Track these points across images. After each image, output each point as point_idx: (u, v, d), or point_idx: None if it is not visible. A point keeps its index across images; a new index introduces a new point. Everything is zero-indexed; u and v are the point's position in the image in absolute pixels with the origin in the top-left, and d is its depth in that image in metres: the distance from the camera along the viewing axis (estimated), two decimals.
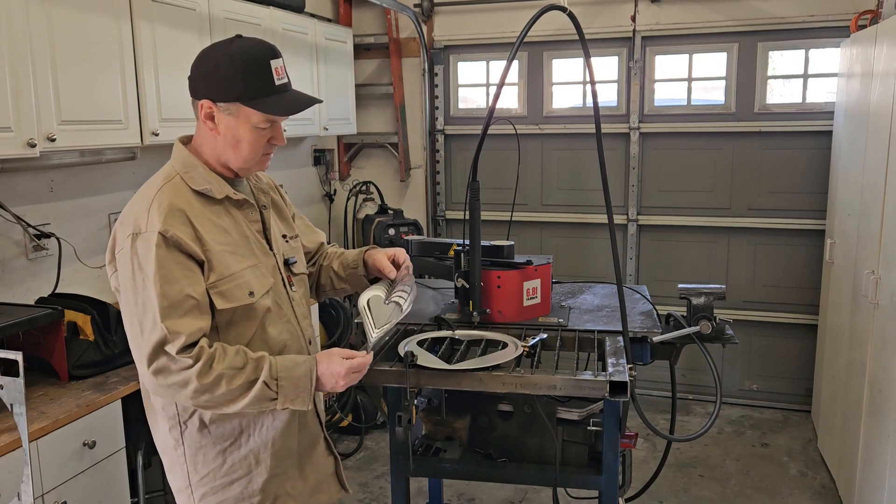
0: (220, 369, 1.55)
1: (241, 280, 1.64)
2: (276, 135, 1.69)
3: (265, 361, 1.61)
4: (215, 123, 1.63)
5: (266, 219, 1.79)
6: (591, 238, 4.84)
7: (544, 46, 4.74)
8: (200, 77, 1.63)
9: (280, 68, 1.64)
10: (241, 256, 1.67)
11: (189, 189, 1.64)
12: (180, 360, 1.53)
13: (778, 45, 4.37)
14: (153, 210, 1.57)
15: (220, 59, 1.61)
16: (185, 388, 1.55)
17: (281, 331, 1.74)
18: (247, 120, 1.62)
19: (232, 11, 3.37)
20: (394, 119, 5.10)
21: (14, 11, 2.28)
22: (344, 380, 1.66)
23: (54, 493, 2.16)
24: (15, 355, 1.57)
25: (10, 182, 2.72)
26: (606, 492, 2.21)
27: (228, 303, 1.62)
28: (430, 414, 2.37)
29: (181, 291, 1.54)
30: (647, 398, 4.65)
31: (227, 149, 1.66)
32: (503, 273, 2.33)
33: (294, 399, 1.62)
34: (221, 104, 1.61)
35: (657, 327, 2.30)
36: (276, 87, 1.63)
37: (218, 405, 1.60)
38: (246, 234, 1.71)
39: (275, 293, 1.73)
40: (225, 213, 1.68)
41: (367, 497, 3.66)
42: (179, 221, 1.57)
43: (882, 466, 2.81)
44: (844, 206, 3.68)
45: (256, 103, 1.60)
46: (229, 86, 1.59)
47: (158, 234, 1.54)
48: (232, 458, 1.71)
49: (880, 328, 2.91)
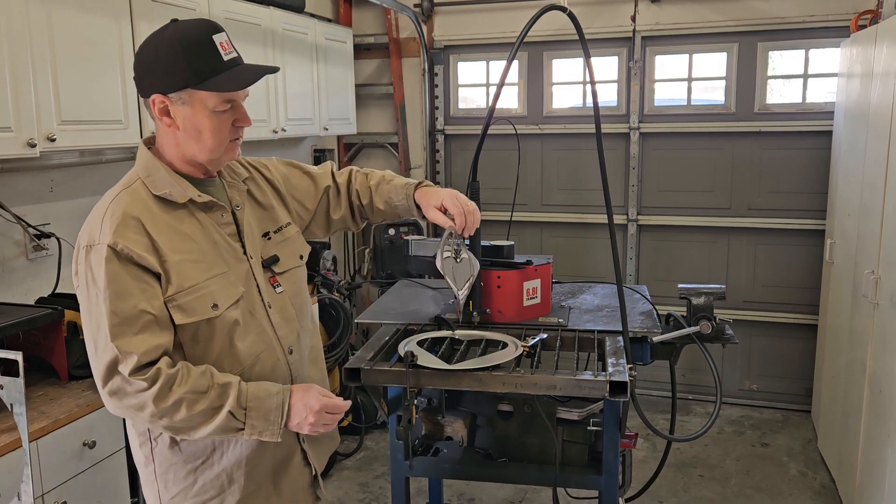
0: (179, 393, 1.45)
1: (203, 292, 1.52)
2: (238, 116, 1.57)
3: (233, 388, 1.50)
4: (172, 118, 1.52)
5: (239, 220, 1.66)
6: (591, 238, 4.84)
7: (544, 46, 4.74)
8: (143, 72, 1.52)
9: (225, 42, 1.51)
10: (207, 265, 1.56)
11: (150, 194, 1.53)
12: (135, 383, 1.44)
13: (778, 45, 4.37)
14: (106, 220, 1.48)
15: (158, 47, 1.49)
16: (141, 412, 1.47)
17: (253, 342, 1.62)
18: (203, 106, 1.50)
19: (232, 11, 3.38)
20: (394, 119, 5.10)
21: (14, 11, 2.28)
22: (314, 416, 1.55)
23: (54, 493, 2.16)
24: (15, 355, 1.57)
25: (10, 182, 2.72)
26: (606, 492, 2.21)
27: (189, 317, 1.51)
28: (430, 414, 2.37)
29: (135, 307, 1.45)
30: (647, 398, 4.64)
31: (190, 142, 1.54)
32: (503, 273, 2.33)
33: (262, 431, 1.53)
34: (172, 95, 1.49)
35: (657, 327, 2.30)
36: (225, 63, 1.50)
37: (179, 431, 1.51)
38: (214, 239, 1.59)
39: (246, 302, 1.61)
40: (189, 218, 1.57)
41: (367, 497, 3.66)
42: (133, 231, 1.47)
43: (882, 466, 2.81)
44: (844, 206, 3.68)
45: (208, 84, 1.48)
46: (175, 73, 1.47)
47: (108, 247, 1.44)
48: (203, 477, 1.62)
49: (880, 328, 2.91)
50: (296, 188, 1.86)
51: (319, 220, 1.93)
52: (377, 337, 2.29)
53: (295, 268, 1.78)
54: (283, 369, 1.69)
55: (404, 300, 2.71)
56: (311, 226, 1.93)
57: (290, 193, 1.85)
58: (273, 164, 1.85)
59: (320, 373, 1.88)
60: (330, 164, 1.99)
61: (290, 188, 1.85)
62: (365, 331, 4.50)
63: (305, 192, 1.88)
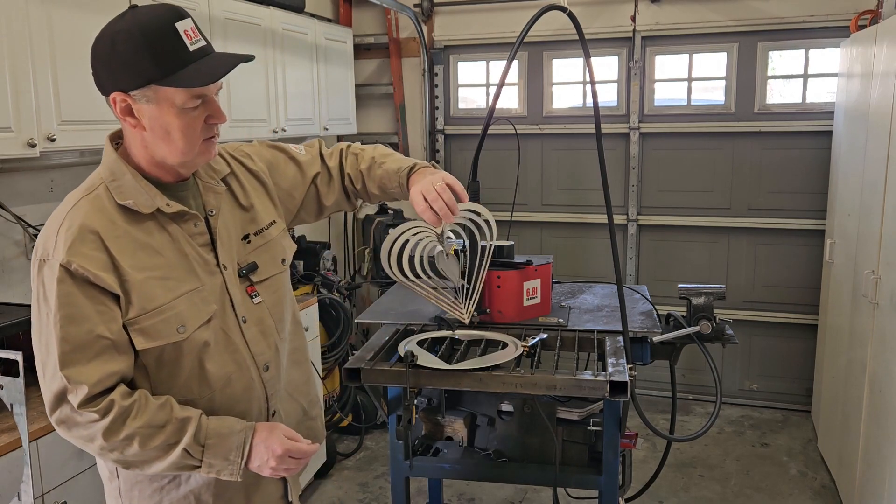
0: (133, 427, 1.33)
1: (168, 314, 1.38)
2: (211, 111, 1.39)
3: (191, 424, 1.38)
4: (136, 118, 1.36)
5: (213, 227, 1.50)
6: (591, 238, 4.84)
7: (544, 46, 4.74)
8: (101, 67, 1.35)
9: (190, 30, 1.34)
10: (175, 282, 1.41)
11: (113, 202, 1.38)
12: (85, 414, 1.32)
13: (778, 45, 4.37)
14: (61, 233, 1.33)
15: (115, 38, 1.32)
16: (91, 443, 1.36)
17: (224, 363, 1.48)
18: (170, 103, 1.33)
19: (232, 11, 3.37)
20: (394, 119, 5.10)
21: (14, 11, 2.28)
22: (276, 461, 1.43)
23: (54, 493, 2.15)
24: (15, 355, 1.57)
25: (10, 182, 2.72)
26: (606, 492, 2.21)
27: (151, 341, 1.37)
28: (430, 414, 2.37)
29: (89, 332, 1.32)
30: (647, 398, 4.65)
31: (159, 144, 1.37)
32: (503, 273, 2.33)
33: (220, 470, 1.41)
34: (135, 93, 1.33)
35: (657, 327, 2.30)
36: (191, 55, 1.33)
37: (130, 465, 1.40)
38: (185, 251, 1.44)
39: (219, 321, 1.47)
40: (158, 230, 1.41)
41: (367, 497, 3.66)
42: (90, 248, 1.32)
43: (882, 466, 2.81)
44: (844, 206, 3.68)
45: (173, 79, 1.31)
46: (136, 68, 1.31)
47: (60, 266, 1.30)
48: (170, 497, 1.50)
49: (880, 328, 2.91)
50: (282, 176, 1.69)
51: (309, 207, 1.77)
52: (377, 337, 2.29)
53: (276, 275, 1.62)
54: (258, 389, 1.56)
55: (404, 300, 2.71)
56: (301, 214, 1.77)
57: (276, 182, 1.68)
58: (256, 151, 1.68)
59: (304, 375, 1.75)
60: (318, 145, 1.81)
61: (275, 177, 1.68)
62: (365, 331, 4.50)
63: (292, 181, 1.71)
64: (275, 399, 1.60)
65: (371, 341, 2.24)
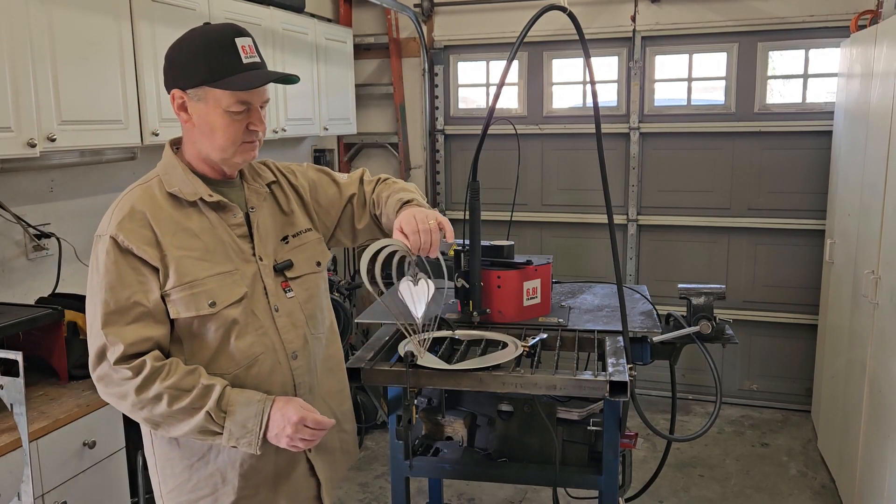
0: (162, 387, 1.47)
1: (201, 288, 1.54)
2: (253, 119, 1.58)
3: (215, 390, 1.50)
4: (189, 114, 1.56)
5: (252, 221, 1.66)
6: (591, 238, 4.84)
7: (544, 46, 4.74)
8: (168, 67, 1.57)
9: (248, 47, 1.54)
10: (210, 263, 1.57)
11: (163, 191, 1.58)
12: (120, 371, 1.47)
13: (778, 45, 4.37)
14: (115, 212, 1.54)
15: (183, 44, 1.55)
16: (124, 400, 1.50)
17: (252, 343, 1.60)
18: (217, 104, 1.53)
19: (232, 11, 3.38)
20: (394, 119, 5.10)
21: (14, 11, 2.28)
22: (292, 428, 1.51)
23: (54, 493, 2.16)
24: (15, 355, 1.57)
25: (10, 182, 2.72)
26: (606, 492, 2.21)
27: (185, 312, 1.53)
28: (430, 414, 2.37)
29: (129, 298, 1.49)
30: (647, 398, 4.65)
31: (204, 139, 1.57)
32: (503, 273, 2.33)
33: (240, 439, 1.51)
34: (190, 91, 1.53)
35: (657, 327, 2.30)
36: (243, 66, 1.52)
37: (158, 425, 1.53)
38: (223, 238, 1.60)
39: (250, 303, 1.60)
40: (199, 216, 1.59)
41: (367, 497, 3.66)
42: (137, 224, 1.51)
43: (882, 466, 2.81)
44: (844, 206, 3.68)
45: (222, 83, 1.51)
46: (194, 69, 1.52)
47: (110, 237, 1.50)
48: (198, 474, 1.63)
49: (880, 328, 2.91)
50: (321, 195, 1.84)
51: (345, 228, 1.88)
52: (377, 337, 2.29)
53: (310, 273, 1.75)
54: (284, 374, 1.66)
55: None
56: (337, 233, 1.89)
57: (315, 199, 1.83)
58: (301, 171, 1.85)
59: (338, 384, 1.85)
60: (361, 171, 1.93)
61: (315, 195, 1.83)
62: (365, 331, 4.50)
63: (331, 201, 1.85)
64: (303, 389, 1.69)
65: (371, 341, 2.24)
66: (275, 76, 1.58)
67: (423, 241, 1.65)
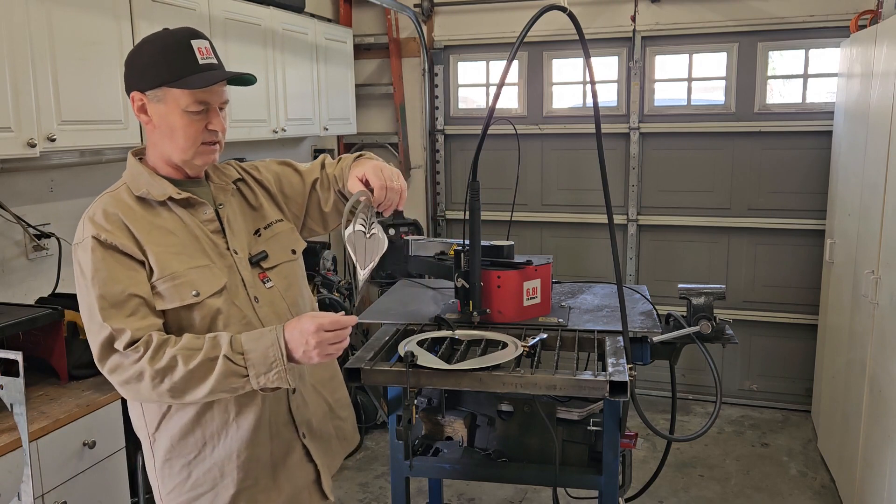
0: (172, 352, 1.47)
1: (183, 279, 1.56)
2: (212, 119, 1.60)
3: (224, 337, 1.51)
4: (149, 115, 1.58)
5: (222, 216, 1.68)
6: (591, 238, 4.84)
7: (544, 46, 4.74)
8: (128, 70, 1.60)
9: (204, 48, 1.57)
10: (188, 257, 1.59)
11: (132, 196, 1.60)
12: (130, 354, 1.48)
13: (778, 45, 4.37)
14: (87, 219, 1.56)
15: (142, 48, 1.58)
16: (142, 380, 1.49)
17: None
18: (175, 104, 1.55)
19: (232, 11, 3.38)
20: (394, 119, 5.10)
21: (14, 11, 2.28)
22: (314, 338, 1.48)
23: (54, 493, 2.16)
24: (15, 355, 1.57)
25: (10, 182, 2.72)
26: (606, 492, 2.21)
27: (170, 303, 1.55)
28: (430, 414, 2.37)
29: (123, 291, 1.50)
30: (647, 398, 4.65)
31: (165, 141, 1.59)
32: (503, 273, 2.33)
33: (267, 373, 1.49)
34: (150, 92, 1.55)
35: (657, 327, 2.30)
36: (200, 66, 1.55)
37: (183, 392, 1.50)
38: (196, 234, 1.63)
39: (230, 294, 1.62)
40: (170, 215, 1.61)
41: (367, 497, 3.66)
42: (113, 225, 1.54)
43: (882, 466, 2.81)
44: (844, 206, 3.68)
45: (179, 83, 1.53)
46: (153, 71, 1.54)
47: (92, 238, 1.51)
48: (196, 471, 1.65)
49: (880, 328, 2.91)
50: (286, 186, 1.85)
51: (314, 215, 1.89)
52: (377, 337, 2.29)
53: (286, 262, 1.77)
54: None
55: (404, 300, 2.71)
56: (308, 222, 1.89)
57: (281, 191, 1.84)
58: (265, 165, 1.86)
59: (328, 371, 1.87)
60: (322, 157, 1.93)
61: (280, 186, 1.84)
62: (365, 331, 4.50)
63: (295, 189, 1.86)
64: None
65: (371, 341, 2.24)
66: (230, 74, 1.60)
67: (390, 198, 1.67)
